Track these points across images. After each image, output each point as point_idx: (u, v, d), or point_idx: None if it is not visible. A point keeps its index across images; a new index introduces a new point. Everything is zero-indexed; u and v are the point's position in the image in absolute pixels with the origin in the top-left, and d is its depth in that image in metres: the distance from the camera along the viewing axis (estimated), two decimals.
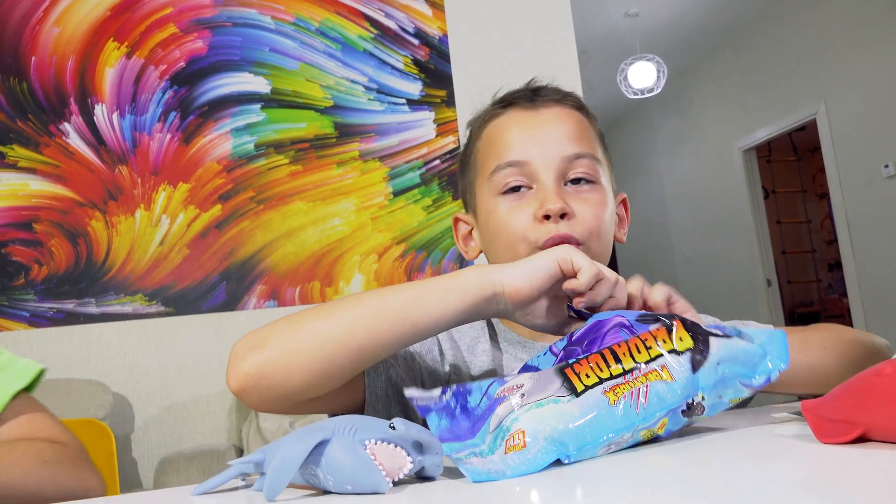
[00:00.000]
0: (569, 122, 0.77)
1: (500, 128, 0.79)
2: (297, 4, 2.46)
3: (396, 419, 0.44)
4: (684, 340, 0.52)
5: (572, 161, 0.75)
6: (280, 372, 0.61)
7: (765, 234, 4.88)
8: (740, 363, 0.53)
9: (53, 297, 2.19)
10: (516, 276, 0.60)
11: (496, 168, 0.76)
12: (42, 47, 2.27)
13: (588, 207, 0.74)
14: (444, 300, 0.61)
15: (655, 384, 0.50)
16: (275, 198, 2.37)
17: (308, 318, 0.63)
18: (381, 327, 0.61)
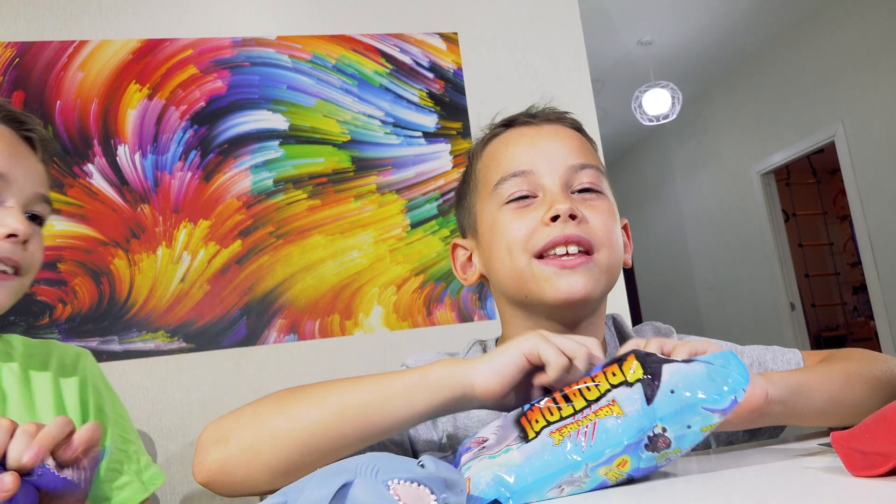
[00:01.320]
0: (571, 136, 0.79)
1: (501, 143, 0.80)
2: (314, 43, 2.51)
3: (425, 457, 0.44)
4: (635, 371, 0.51)
5: (577, 171, 0.75)
6: (242, 469, 0.60)
7: (787, 257, 4.83)
8: (700, 387, 0.50)
9: (77, 336, 2.21)
10: (486, 375, 0.58)
11: (500, 180, 0.76)
12: (66, 92, 2.33)
13: (597, 214, 0.73)
14: (411, 401, 0.59)
15: (605, 420, 0.50)
16: (294, 232, 2.39)
17: (270, 415, 0.61)
18: (346, 430, 0.59)
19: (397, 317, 2.41)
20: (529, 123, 0.79)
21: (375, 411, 0.59)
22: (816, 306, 5.72)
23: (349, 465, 0.43)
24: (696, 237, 5.62)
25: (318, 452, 0.58)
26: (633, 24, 4.01)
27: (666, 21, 4.02)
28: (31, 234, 0.78)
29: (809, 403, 0.62)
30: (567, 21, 2.74)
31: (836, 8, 4.03)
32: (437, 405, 0.59)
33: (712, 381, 0.50)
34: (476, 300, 2.47)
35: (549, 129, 0.78)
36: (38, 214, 0.80)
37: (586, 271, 0.71)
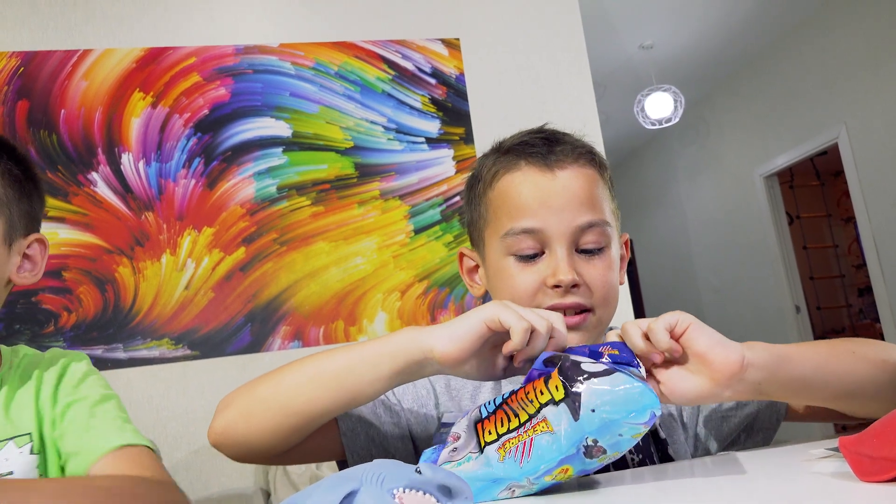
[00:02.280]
0: (583, 184, 0.78)
1: (514, 186, 0.79)
2: (317, 50, 2.52)
3: (422, 464, 0.44)
4: (559, 390, 0.52)
5: (584, 230, 0.76)
6: (241, 431, 0.68)
7: (791, 260, 4.81)
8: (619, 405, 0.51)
9: (82, 344, 2.21)
10: (445, 339, 0.60)
11: (510, 231, 0.77)
12: (71, 101, 2.34)
13: (597, 273, 0.76)
14: (376, 366, 0.63)
15: (540, 437, 0.51)
16: (297, 239, 2.40)
17: (261, 384, 0.69)
18: (318, 393, 0.65)
19: (401, 322, 2.41)
20: (545, 166, 0.78)
21: (345, 377, 0.64)
22: (821, 309, 5.70)
23: (355, 474, 0.43)
24: (700, 240, 5.62)
25: (298, 415, 0.65)
26: (635, 29, 4.02)
27: (667, 25, 4.02)
28: None
29: (793, 371, 0.62)
30: (568, 26, 2.75)
31: (837, 10, 4.03)
32: (400, 370, 0.62)
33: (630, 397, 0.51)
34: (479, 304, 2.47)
35: (564, 179, 0.77)
36: None
37: (583, 329, 0.77)
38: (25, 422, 0.78)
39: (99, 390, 0.82)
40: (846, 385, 0.66)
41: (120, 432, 0.77)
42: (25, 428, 0.78)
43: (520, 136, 0.82)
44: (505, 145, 0.83)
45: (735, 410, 0.81)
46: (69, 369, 0.84)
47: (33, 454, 0.77)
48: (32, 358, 0.85)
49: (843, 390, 0.66)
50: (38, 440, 0.78)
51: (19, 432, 0.78)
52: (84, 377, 0.83)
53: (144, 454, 0.76)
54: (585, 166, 0.79)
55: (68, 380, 0.82)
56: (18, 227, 0.84)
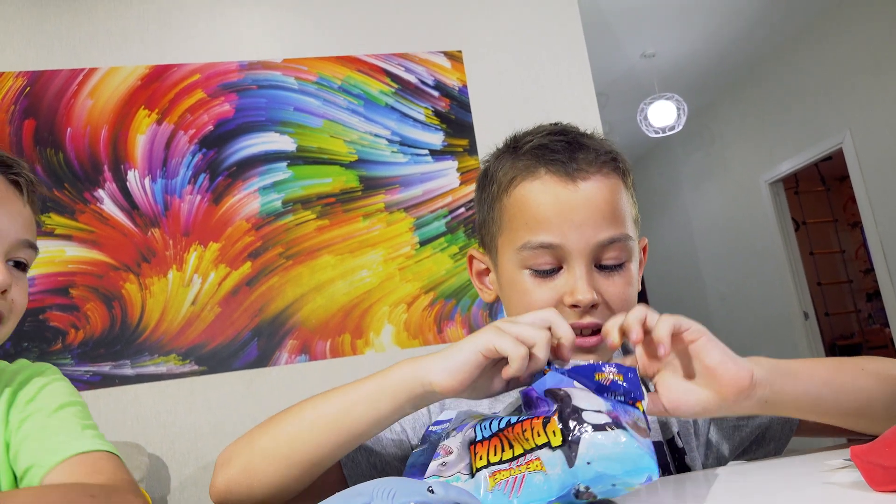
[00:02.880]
0: (606, 196, 0.73)
1: (533, 196, 0.74)
2: (320, 64, 2.53)
3: (434, 482, 0.44)
4: (556, 436, 0.51)
5: (605, 246, 0.72)
6: (243, 487, 0.65)
7: (798, 266, 4.79)
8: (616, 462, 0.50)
9: (90, 361, 2.22)
10: (443, 373, 0.59)
11: (526, 244, 0.73)
12: (77, 119, 2.36)
13: (616, 290, 0.73)
14: (377, 405, 0.62)
15: (532, 475, 0.51)
16: (303, 253, 2.40)
17: (260, 436, 0.66)
18: (320, 440, 0.63)
19: (408, 335, 2.41)
20: (566, 175, 0.72)
21: (343, 420, 0.62)
22: (830, 315, 5.67)
23: (366, 489, 0.43)
24: (706, 248, 5.60)
25: (302, 464, 0.63)
26: (636, 38, 4.03)
27: (669, 33, 4.03)
28: (12, 283, 0.75)
29: (799, 387, 0.62)
30: (570, 36, 2.76)
31: (838, 16, 4.03)
32: (400, 406, 0.62)
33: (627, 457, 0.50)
34: (487, 316, 2.46)
35: (586, 191, 0.72)
36: (22, 261, 0.78)
37: (600, 349, 0.73)
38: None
39: (56, 399, 0.78)
40: (855, 402, 0.65)
41: (76, 439, 0.72)
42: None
43: (538, 136, 0.77)
44: (522, 146, 0.77)
45: (747, 420, 0.79)
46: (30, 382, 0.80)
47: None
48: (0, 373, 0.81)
49: (851, 407, 0.65)
50: None
51: None
52: (42, 387, 0.79)
53: (103, 459, 0.71)
54: (609, 175, 0.74)
55: (22, 396, 0.78)
56: None
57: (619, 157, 0.77)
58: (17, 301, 0.77)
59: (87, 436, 0.73)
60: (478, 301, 2.46)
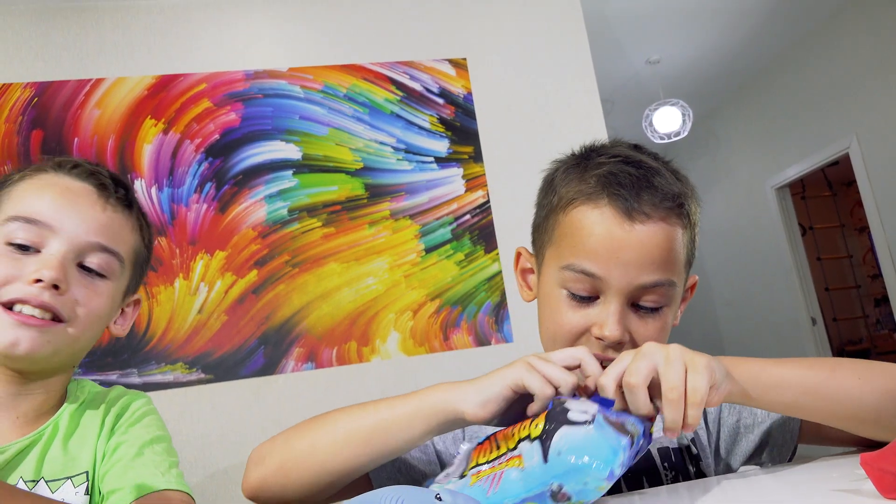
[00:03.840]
0: (660, 243, 0.72)
1: (588, 224, 0.73)
2: (325, 73, 2.54)
3: (443, 490, 0.44)
4: (537, 428, 0.53)
5: (647, 289, 0.72)
6: (277, 485, 0.69)
7: (805, 271, 4.77)
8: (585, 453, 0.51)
9: (97, 370, 2.22)
10: (476, 405, 0.62)
11: (570, 266, 0.73)
12: (84, 129, 2.37)
13: (647, 333, 0.73)
14: (410, 426, 0.65)
15: (510, 471, 0.52)
16: (309, 260, 2.40)
17: (296, 440, 0.70)
18: (355, 452, 0.66)
19: (414, 342, 2.41)
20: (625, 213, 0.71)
21: (379, 437, 0.66)
22: (838, 320, 5.64)
23: (374, 498, 0.43)
24: (713, 254, 5.59)
25: (335, 473, 0.67)
26: (641, 44, 4.03)
27: (673, 39, 4.03)
28: (72, 283, 0.77)
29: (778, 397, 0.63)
30: (575, 43, 2.76)
31: (844, 21, 4.03)
32: (433, 429, 0.65)
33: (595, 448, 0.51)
34: (493, 323, 2.46)
35: (641, 234, 0.71)
36: (92, 266, 0.79)
37: None
38: (84, 461, 0.78)
39: (152, 431, 0.82)
40: (845, 409, 0.64)
41: (163, 476, 0.76)
42: (83, 467, 0.78)
43: (611, 162, 0.75)
44: (592, 167, 0.76)
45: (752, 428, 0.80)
46: (129, 408, 0.84)
47: (87, 495, 0.76)
48: (97, 395, 0.85)
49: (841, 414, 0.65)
50: (92, 480, 0.78)
51: (77, 471, 0.77)
52: (141, 417, 0.83)
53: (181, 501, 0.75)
54: (670, 220, 0.73)
55: (126, 419, 0.83)
56: (133, 285, 0.88)
57: (687, 199, 0.76)
58: (86, 306, 0.78)
59: (173, 475, 0.78)
60: (484, 307, 2.46)
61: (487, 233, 2.51)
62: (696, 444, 0.80)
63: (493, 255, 2.49)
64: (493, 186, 2.54)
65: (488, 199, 2.53)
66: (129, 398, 0.85)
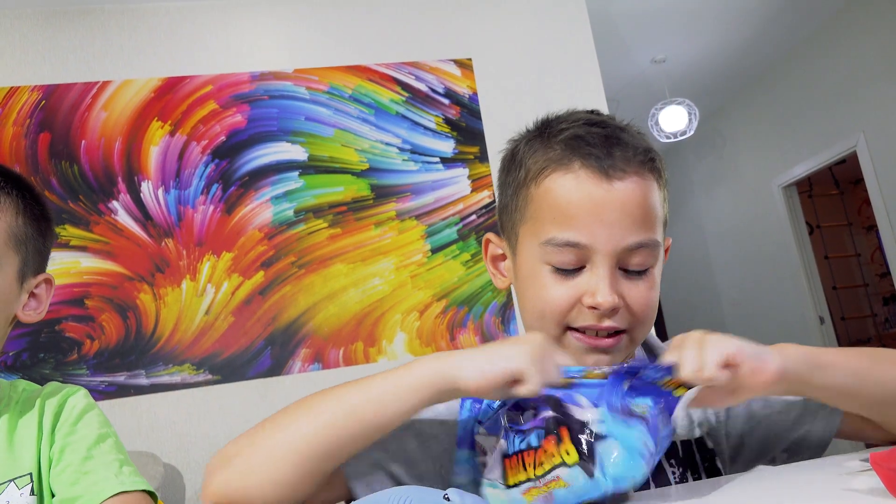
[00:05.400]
0: (640, 199, 0.70)
1: (565, 191, 0.70)
2: (331, 74, 2.55)
3: (451, 490, 0.44)
4: (571, 455, 0.55)
5: (633, 251, 0.69)
6: (240, 491, 0.61)
7: (813, 270, 4.75)
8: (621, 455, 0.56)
9: (105, 371, 2.23)
10: (476, 374, 0.59)
11: (551, 240, 0.70)
12: (91, 131, 2.38)
13: (639, 295, 0.70)
14: (401, 399, 0.61)
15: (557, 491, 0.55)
16: (315, 261, 2.41)
17: (263, 433, 0.63)
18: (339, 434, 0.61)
19: (421, 342, 2.41)
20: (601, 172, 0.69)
21: (367, 410, 0.61)
22: (846, 319, 5.61)
23: (382, 499, 0.43)
24: (720, 253, 5.57)
25: (316, 458, 0.61)
26: (646, 43, 4.02)
27: (679, 38, 4.02)
28: None
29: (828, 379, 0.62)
30: (580, 42, 2.76)
31: (850, 19, 4.01)
32: (425, 401, 0.61)
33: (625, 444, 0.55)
34: (499, 323, 2.46)
35: (620, 192, 0.69)
36: None
37: (616, 351, 0.71)
38: (26, 461, 0.77)
39: (95, 429, 0.80)
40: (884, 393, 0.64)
41: (116, 477, 0.75)
42: (25, 468, 0.76)
43: (574, 125, 0.73)
44: (555, 133, 0.73)
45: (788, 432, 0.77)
46: (66, 405, 0.82)
47: (32, 496, 0.76)
48: (31, 393, 0.83)
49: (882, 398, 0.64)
50: (37, 481, 0.77)
51: (20, 472, 0.76)
52: (81, 414, 0.81)
53: (142, 501, 0.75)
54: (645, 175, 0.71)
55: (66, 417, 0.81)
56: (31, 265, 0.83)
57: (657, 155, 0.74)
58: None
59: (126, 473, 0.76)
60: (490, 308, 2.46)
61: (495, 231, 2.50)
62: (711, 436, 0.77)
63: None
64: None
65: (494, 199, 2.53)
66: (65, 394, 0.83)
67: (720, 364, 0.58)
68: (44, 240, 0.86)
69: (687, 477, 0.74)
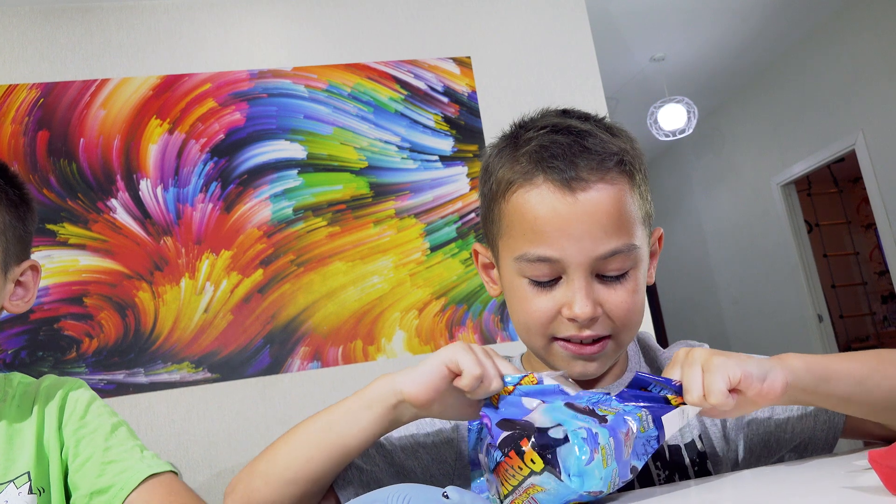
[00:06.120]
0: (608, 207, 0.69)
1: (530, 207, 0.70)
2: (330, 72, 2.54)
3: (450, 488, 0.44)
4: (536, 462, 0.55)
5: (607, 259, 0.69)
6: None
7: (812, 268, 4.76)
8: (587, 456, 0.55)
9: (104, 369, 2.23)
10: (411, 383, 0.63)
11: (524, 255, 0.70)
12: (89, 130, 2.38)
13: (618, 300, 0.70)
14: (357, 417, 0.65)
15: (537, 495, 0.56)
16: (314, 259, 2.41)
17: (258, 460, 0.70)
18: (310, 454, 0.66)
19: (420, 340, 2.41)
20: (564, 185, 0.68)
21: (327, 434, 0.66)
22: (844, 317, 5.62)
23: (380, 496, 0.43)
24: (719, 251, 5.57)
25: (297, 482, 0.66)
26: (646, 41, 4.02)
27: (678, 36, 4.02)
28: None
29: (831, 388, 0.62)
30: (579, 41, 2.76)
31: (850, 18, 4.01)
32: (379, 417, 0.65)
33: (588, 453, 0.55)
34: (498, 322, 2.46)
35: (585, 204, 0.68)
36: None
37: (601, 357, 0.72)
38: (23, 461, 0.76)
39: (107, 419, 0.80)
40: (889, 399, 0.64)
41: (142, 461, 0.76)
42: (23, 468, 0.75)
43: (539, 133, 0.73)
44: (522, 144, 0.73)
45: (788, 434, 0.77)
46: (69, 399, 0.81)
47: (31, 494, 0.75)
48: (28, 387, 0.82)
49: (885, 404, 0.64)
50: (36, 479, 0.75)
51: (18, 473, 0.75)
52: (87, 407, 0.81)
53: (172, 481, 0.75)
54: (613, 180, 0.70)
55: (71, 412, 0.80)
56: (13, 253, 0.80)
57: (627, 156, 0.72)
58: None
59: (149, 456, 0.77)
60: (489, 306, 2.46)
61: None
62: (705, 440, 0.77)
63: None
64: None
65: None
66: (66, 389, 0.82)
67: (725, 392, 0.58)
68: (24, 225, 0.82)
69: (674, 478, 0.74)
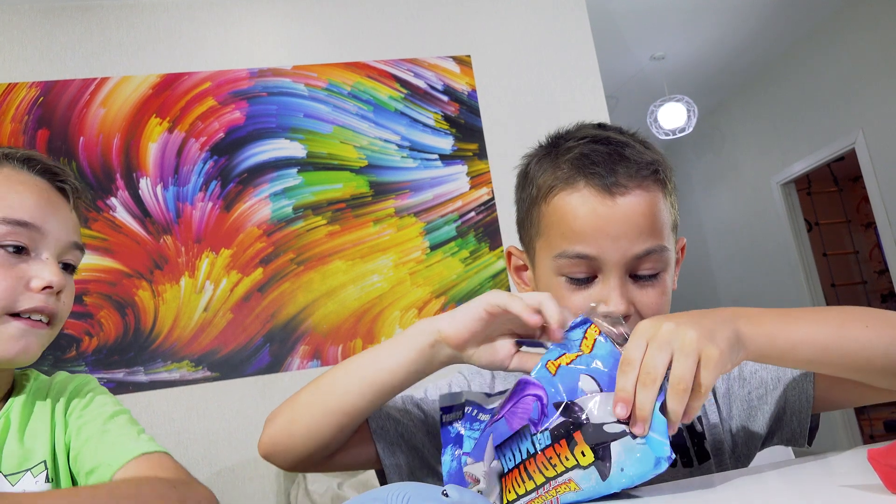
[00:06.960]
0: (644, 210, 0.74)
1: (571, 208, 0.75)
2: (329, 71, 2.54)
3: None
4: (586, 455, 0.55)
5: (641, 258, 0.74)
6: (286, 440, 0.73)
7: (811, 267, 4.76)
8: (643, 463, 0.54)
9: (104, 368, 2.23)
10: (450, 323, 0.66)
11: (562, 253, 0.75)
12: (89, 128, 2.38)
13: (649, 301, 0.75)
14: (394, 354, 0.69)
15: (565, 495, 0.55)
16: (314, 258, 2.41)
17: (301, 391, 0.75)
18: (349, 388, 0.71)
19: None
20: (605, 190, 0.74)
21: (368, 368, 0.70)
22: None
23: (380, 494, 0.43)
24: (718, 250, 5.57)
25: (335, 413, 0.71)
26: (646, 40, 4.02)
27: (678, 35, 4.02)
28: (65, 285, 0.81)
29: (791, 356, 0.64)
30: (579, 39, 2.76)
31: (850, 17, 4.01)
32: (416, 354, 0.68)
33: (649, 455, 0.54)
34: None
35: (624, 207, 0.73)
36: (71, 263, 0.84)
37: None
38: (40, 451, 0.78)
39: (110, 407, 0.83)
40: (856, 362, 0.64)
41: (136, 442, 0.77)
42: (40, 457, 0.78)
43: (580, 144, 0.77)
44: (562, 153, 0.78)
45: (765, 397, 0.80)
46: (79, 392, 0.84)
47: (48, 483, 0.77)
48: (43, 383, 0.86)
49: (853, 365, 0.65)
50: (51, 468, 0.78)
51: (34, 462, 0.78)
52: (92, 397, 0.84)
53: (164, 458, 0.77)
54: (649, 187, 0.75)
55: (77, 402, 0.83)
56: None
57: (661, 166, 0.78)
58: (67, 303, 0.82)
59: (144, 439, 0.79)
60: None
61: (492, 230, 2.51)
62: (702, 421, 0.80)
63: (497, 252, 2.49)
64: (497, 183, 2.54)
65: (493, 197, 2.53)
66: (77, 382, 0.86)
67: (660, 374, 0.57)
68: None
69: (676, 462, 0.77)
